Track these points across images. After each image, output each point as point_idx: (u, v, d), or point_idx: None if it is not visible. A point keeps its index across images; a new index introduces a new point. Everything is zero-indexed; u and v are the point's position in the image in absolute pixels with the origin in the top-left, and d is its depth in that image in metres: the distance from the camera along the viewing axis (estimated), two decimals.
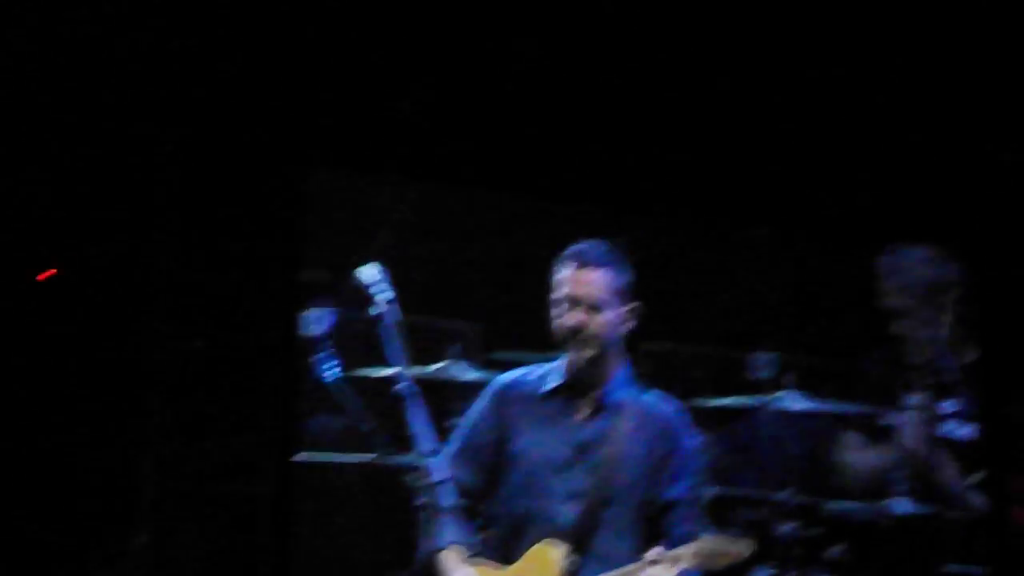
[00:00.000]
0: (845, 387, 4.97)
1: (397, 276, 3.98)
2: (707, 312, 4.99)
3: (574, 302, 3.95)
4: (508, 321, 4.73)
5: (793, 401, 4.87)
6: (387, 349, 3.94)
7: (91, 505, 4.36)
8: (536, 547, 3.90)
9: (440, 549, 3.90)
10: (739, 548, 3.78)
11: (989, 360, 4.85)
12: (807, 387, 4.89)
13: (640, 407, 3.97)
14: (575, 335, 3.95)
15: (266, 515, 4.32)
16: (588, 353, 3.95)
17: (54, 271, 4.46)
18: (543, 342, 4.72)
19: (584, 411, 3.97)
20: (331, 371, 4.18)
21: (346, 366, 4.16)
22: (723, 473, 4.88)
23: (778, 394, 4.88)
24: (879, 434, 4.90)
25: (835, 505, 4.90)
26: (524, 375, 4.06)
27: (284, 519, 4.33)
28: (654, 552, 3.77)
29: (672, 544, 3.82)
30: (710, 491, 4.80)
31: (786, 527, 4.83)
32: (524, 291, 4.75)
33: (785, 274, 5.09)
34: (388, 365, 4.02)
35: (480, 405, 4.09)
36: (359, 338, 4.05)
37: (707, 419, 4.86)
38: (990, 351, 4.86)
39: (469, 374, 4.60)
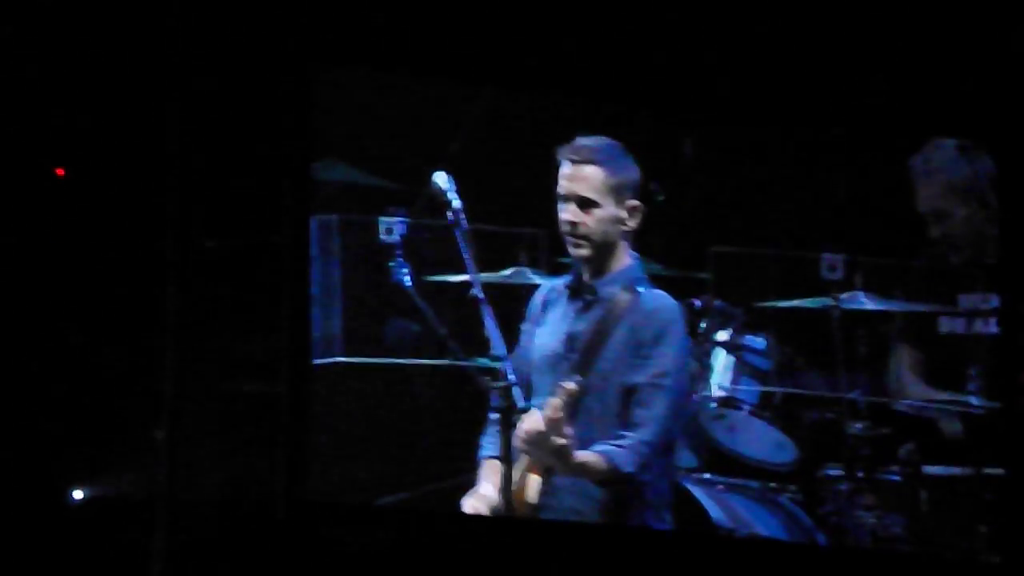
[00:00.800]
0: (912, 287, 4.95)
1: (466, 183, 4.00)
2: (776, 213, 4.97)
3: (567, 199, 3.94)
4: None
5: (862, 301, 4.87)
6: (459, 255, 3.98)
7: (110, 402, 4.43)
8: None
9: (481, 459, 3.99)
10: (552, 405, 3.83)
11: (1009, 255, 4.79)
12: (875, 288, 4.88)
13: (631, 300, 3.96)
14: (569, 232, 3.95)
15: (283, 415, 4.38)
16: (582, 251, 3.94)
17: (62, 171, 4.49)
18: None
19: (580, 306, 3.99)
20: (404, 277, 4.23)
21: (419, 272, 4.21)
22: (793, 374, 4.90)
23: (847, 295, 4.87)
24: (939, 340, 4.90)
25: (905, 404, 4.91)
26: (565, 277, 4.08)
27: (300, 420, 4.38)
28: None
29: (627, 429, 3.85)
30: (778, 391, 4.83)
31: (856, 426, 4.85)
32: None
33: (855, 175, 5.05)
34: (460, 271, 4.07)
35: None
36: (432, 244, 4.09)
37: (777, 320, 4.88)
38: (1010, 247, 4.80)
39: (537, 279, 4.64)
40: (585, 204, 3.95)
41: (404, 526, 4.40)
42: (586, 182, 3.95)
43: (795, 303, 4.90)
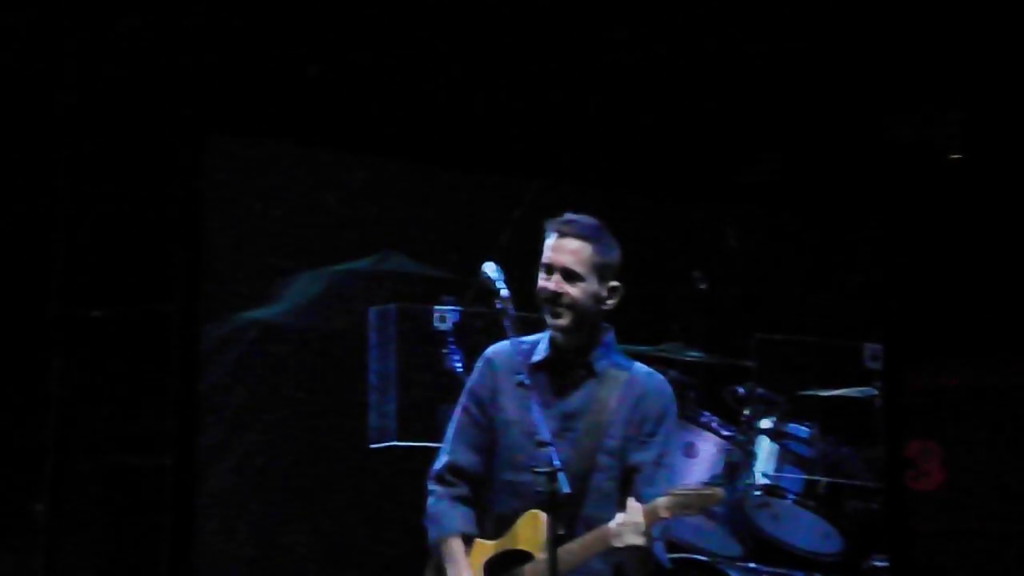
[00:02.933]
0: None
1: (512, 272, 4.11)
2: (819, 304, 5.05)
3: (551, 269, 3.98)
4: (618, 316, 4.85)
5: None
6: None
7: None
8: (524, 516, 3.79)
9: (448, 535, 3.77)
10: (711, 493, 3.78)
11: (889, 331, 4.80)
12: None
13: (624, 376, 3.94)
14: (550, 301, 3.94)
15: (168, 488, 4.24)
16: (563, 321, 3.88)
17: None
18: (651, 335, 4.84)
19: (569, 381, 3.99)
20: (456, 363, 4.32)
21: (470, 358, 4.29)
22: (836, 463, 4.93)
23: None
24: None
25: None
26: (516, 345, 3.86)
27: (186, 493, 4.22)
28: (630, 506, 3.78)
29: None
30: (823, 480, 4.85)
31: None
32: (633, 287, 4.86)
33: (897, 268, 5.13)
34: None
35: (474, 381, 3.93)
36: (482, 332, 4.17)
37: (820, 408, 4.92)
38: (890, 325, 4.80)
39: None
40: (570, 276, 3.95)
41: None
42: (574, 255, 3.94)
43: (838, 392, 4.94)
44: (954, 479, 4.95)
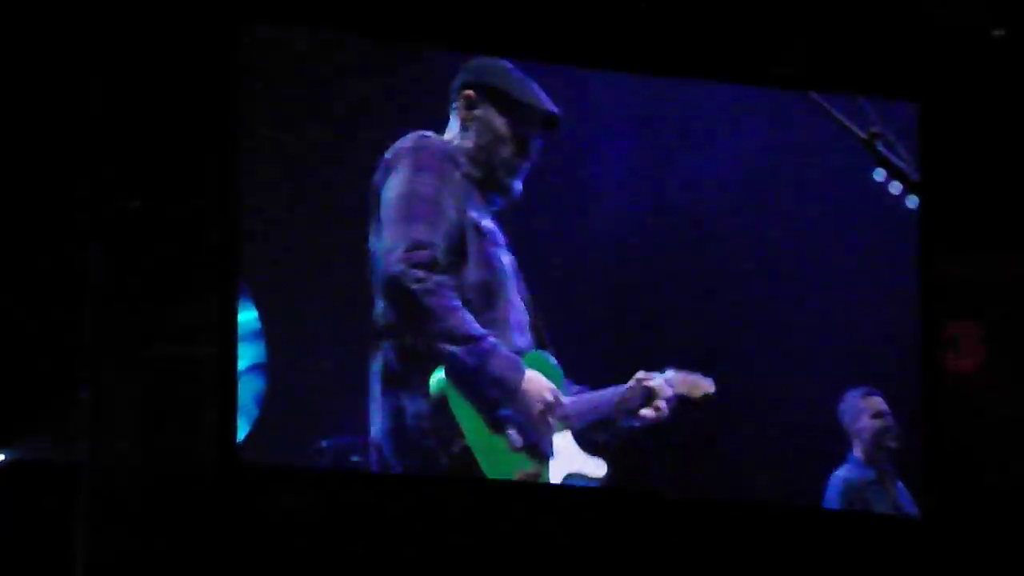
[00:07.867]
0: None
1: None
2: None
3: None
4: None
5: None
6: None
7: (31, 363, 4.33)
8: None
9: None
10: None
11: (927, 214, 4.79)
12: None
13: None
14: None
15: (209, 377, 4.31)
16: None
17: None
18: None
19: None
20: None
21: None
22: None
23: None
24: None
25: None
26: None
27: (227, 382, 4.26)
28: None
29: None
30: None
31: None
32: None
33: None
34: None
35: None
36: None
37: None
38: (928, 207, 4.78)
39: None
40: None
41: (337, 488, 4.33)
42: None
43: None
44: (993, 361, 5.00)
